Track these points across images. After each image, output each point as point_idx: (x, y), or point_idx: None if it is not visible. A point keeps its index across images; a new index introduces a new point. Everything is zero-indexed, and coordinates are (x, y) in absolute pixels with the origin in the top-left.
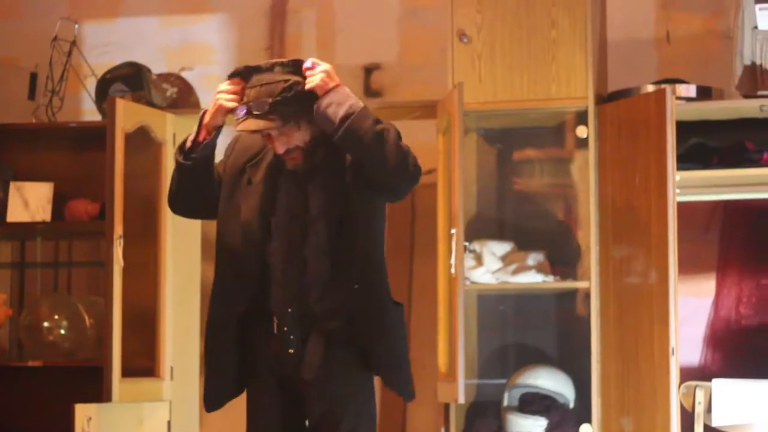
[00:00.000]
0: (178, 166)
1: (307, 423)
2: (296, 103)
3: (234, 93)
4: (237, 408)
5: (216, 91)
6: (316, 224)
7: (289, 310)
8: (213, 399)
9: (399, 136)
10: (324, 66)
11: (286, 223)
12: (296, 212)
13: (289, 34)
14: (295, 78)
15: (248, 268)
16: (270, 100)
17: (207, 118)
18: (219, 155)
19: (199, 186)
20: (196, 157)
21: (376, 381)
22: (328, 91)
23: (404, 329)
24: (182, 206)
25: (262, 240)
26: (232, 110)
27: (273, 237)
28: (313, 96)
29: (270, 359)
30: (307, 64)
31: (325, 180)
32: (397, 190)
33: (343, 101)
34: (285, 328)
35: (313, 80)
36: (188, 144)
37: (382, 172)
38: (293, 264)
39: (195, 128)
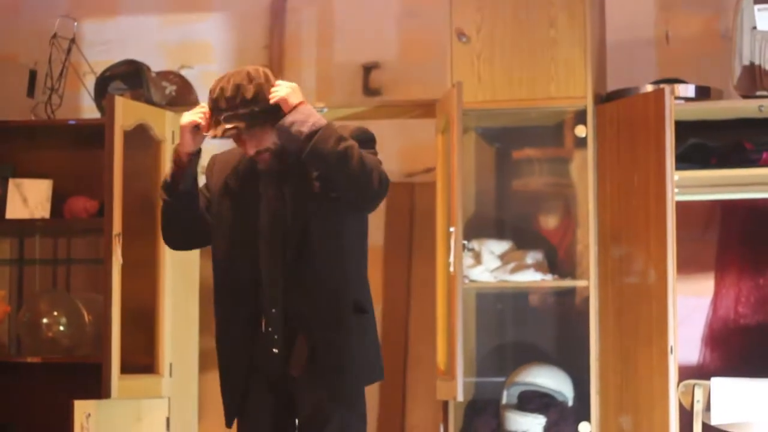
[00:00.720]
0: (165, 204)
1: (297, 423)
2: (263, 107)
3: (199, 112)
4: None
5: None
6: (293, 225)
7: (273, 310)
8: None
9: (363, 158)
10: (289, 84)
11: (269, 224)
12: (277, 214)
13: (289, 33)
14: (260, 88)
15: (240, 275)
16: (239, 109)
17: (180, 146)
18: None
19: (188, 218)
20: (179, 191)
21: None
22: (291, 109)
23: (362, 336)
24: (178, 241)
25: (251, 244)
26: (197, 126)
27: (260, 240)
28: (278, 105)
29: (260, 359)
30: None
31: (296, 183)
32: (361, 206)
33: (306, 119)
34: (269, 329)
35: (278, 93)
36: (168, 179)
37: (346, 189)
38: (275, 265)
39: (170, 164)
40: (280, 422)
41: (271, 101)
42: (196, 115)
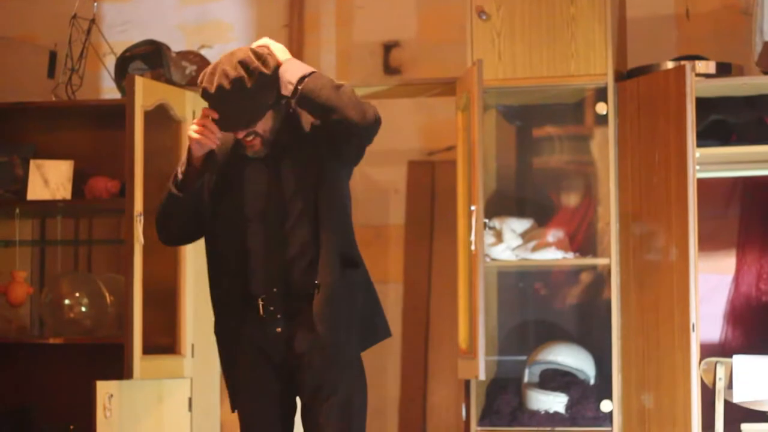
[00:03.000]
0: (172, 198)
1: (298, 401)
2: (260, 92)
3: (202, 125)
4: None
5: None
6: (291, 204)
7: (275, 289)
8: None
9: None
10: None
11: (263, 206)
12: (272, 195)
13: (308, 12)
14: (260, 68)
15: (230, 258)
16: (243, 102)
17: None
18: None
19: (192, 213)
20: (191, 189)
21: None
22: (284, 62)
23: (354, 291)
24: (174, 235)
25: (241, 227)
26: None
27: (251, 222)
28: (276, 85)
29: (260, 342)
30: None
31: (294, 160)
32: (360, 135)
33: (298, 68)
34: (271, 308)
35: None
36: (180, 176)
37: (345, 118)
38: (275, 244)
39: (184, 159)
40: (282, 403)
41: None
42: (203, 133)
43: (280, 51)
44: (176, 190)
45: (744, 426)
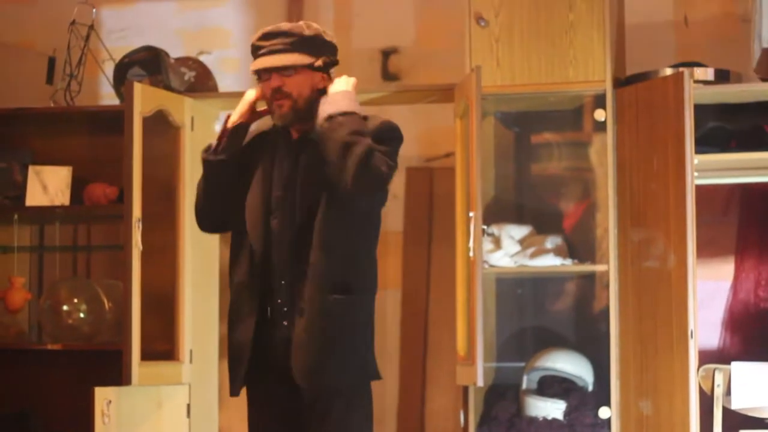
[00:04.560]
0: (208, 165)
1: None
2: (307, 45)
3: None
4: None
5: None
6: (302, 199)
7: (282, 282)
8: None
9: (376, 154)
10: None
11: (282, 195)
12: (289, 184)
13: (307, 18)
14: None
15: (250, 247)
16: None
17: (233, 117)
18: None
19: (228, 187)
20: (224, 156)
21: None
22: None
23: (344, 321)
24: (210, 216)
25: (265, 216)
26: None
27: (274, 211)
28: (323, 52)
29: (267, 349)
30: None
31: (311, 156)
32: (352, 199)
33: (339, 102)
34: (279, 300)
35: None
36: (214, 143)
37: (341, 180)
38: (286, 237)
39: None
40: (287, 410)
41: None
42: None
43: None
44: (210, 155)
45: None
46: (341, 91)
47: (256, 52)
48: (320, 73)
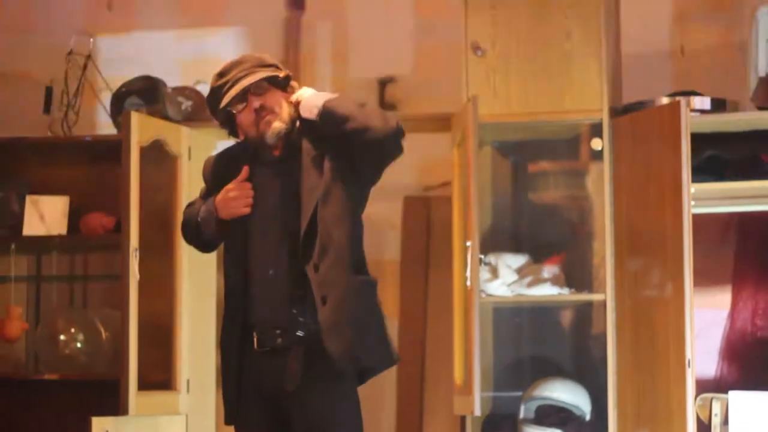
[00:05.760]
0: (189, 226)
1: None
2: (275, 73)
3: (241, 190)
4: None
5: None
6: (289, 224)
7: (291, 295)
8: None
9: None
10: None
11: (267, 222)
12: (279, 206)
13: (304, 48)
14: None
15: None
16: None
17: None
18: None
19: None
20: (219, 237)
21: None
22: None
23: (365, 301)
24: (199, 247)
25: (263, 233)
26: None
27: (263, 232)
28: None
29: (255, 374)
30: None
31: (297, 174)
32: (382, 142)
33: (318, 98)
34: (293, 311)
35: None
36: (201, 221)
37: (366, 126)
38: (270, 267)
39: (212, 208)
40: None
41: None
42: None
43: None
44: (198, 228)
45: None
46: (312, 93)
47: (220, 91)
48: (283, 89)
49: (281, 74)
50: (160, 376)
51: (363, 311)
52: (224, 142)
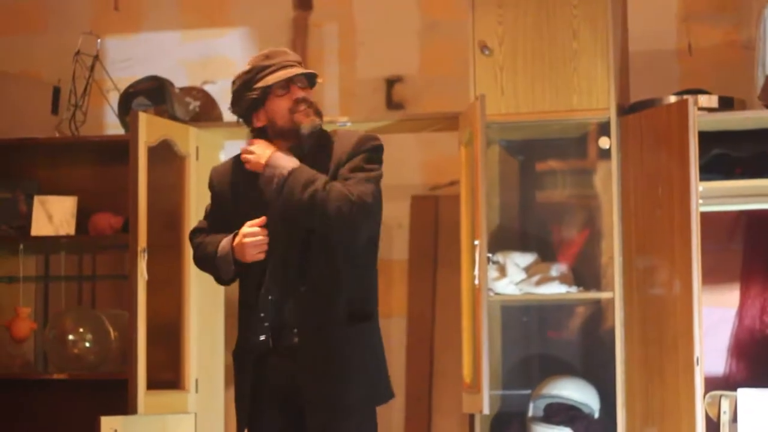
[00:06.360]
0: (205, 259)
1: None
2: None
3: (257, 235)
4: None
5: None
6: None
7: (270, 297)
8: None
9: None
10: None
11: (276, 224)
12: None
13: (311, 48)
14: None
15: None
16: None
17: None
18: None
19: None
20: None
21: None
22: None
23: (361, 347)
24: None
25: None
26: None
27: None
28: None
29: (271, 374)
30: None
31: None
32: (343, 237)
33: (272, 174)
34: (261, 314)
35: (251, 159)
36: (218, 259)
37: (322, 229)
38: (280, 259)
39: (226, 246)
40: None
41: (247, 167)
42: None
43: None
44: (215, 265)
45: None
46: (268, 158)
47: (263, 71)
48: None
49: (320, 80)
50: (168, 375)
51: (347, 357)
52: (232, 142)
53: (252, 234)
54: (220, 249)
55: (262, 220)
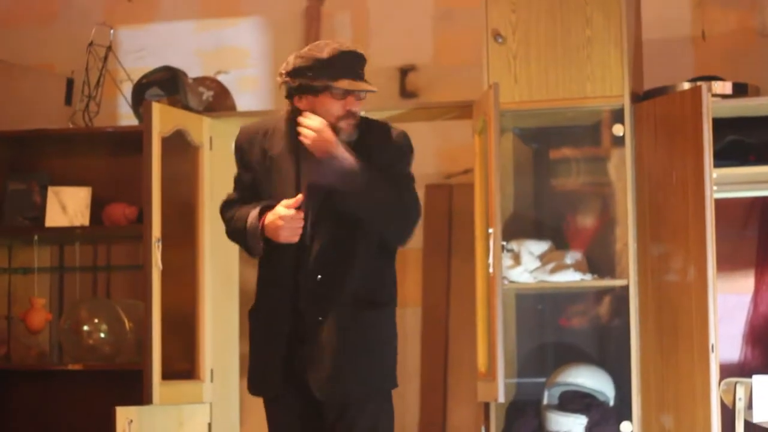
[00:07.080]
0: (242, 232)
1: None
2: None
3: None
4: None
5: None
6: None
7: (319, 277)
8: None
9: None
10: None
11: (308, 194)
12: (312, 189)
13: (324, 37)
14: None
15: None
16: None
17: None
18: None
19: None
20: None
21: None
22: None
23: (369, 334)
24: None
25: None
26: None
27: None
28: None
29: (289, 359)
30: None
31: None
32: (402, 240)
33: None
34: (303, 314)
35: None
36: (248, 234)
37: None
38: (308, 238)
39: (258, 227)
40: (307, 423)
41: (306, 143)
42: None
43: None
44: (245, 236)
45: None
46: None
47: (336, 62)
48: None
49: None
50: (183, 365)
51: (362, 344)
52: None
53: (288, 217)
54: (249, 225)
55: (297, 200)
